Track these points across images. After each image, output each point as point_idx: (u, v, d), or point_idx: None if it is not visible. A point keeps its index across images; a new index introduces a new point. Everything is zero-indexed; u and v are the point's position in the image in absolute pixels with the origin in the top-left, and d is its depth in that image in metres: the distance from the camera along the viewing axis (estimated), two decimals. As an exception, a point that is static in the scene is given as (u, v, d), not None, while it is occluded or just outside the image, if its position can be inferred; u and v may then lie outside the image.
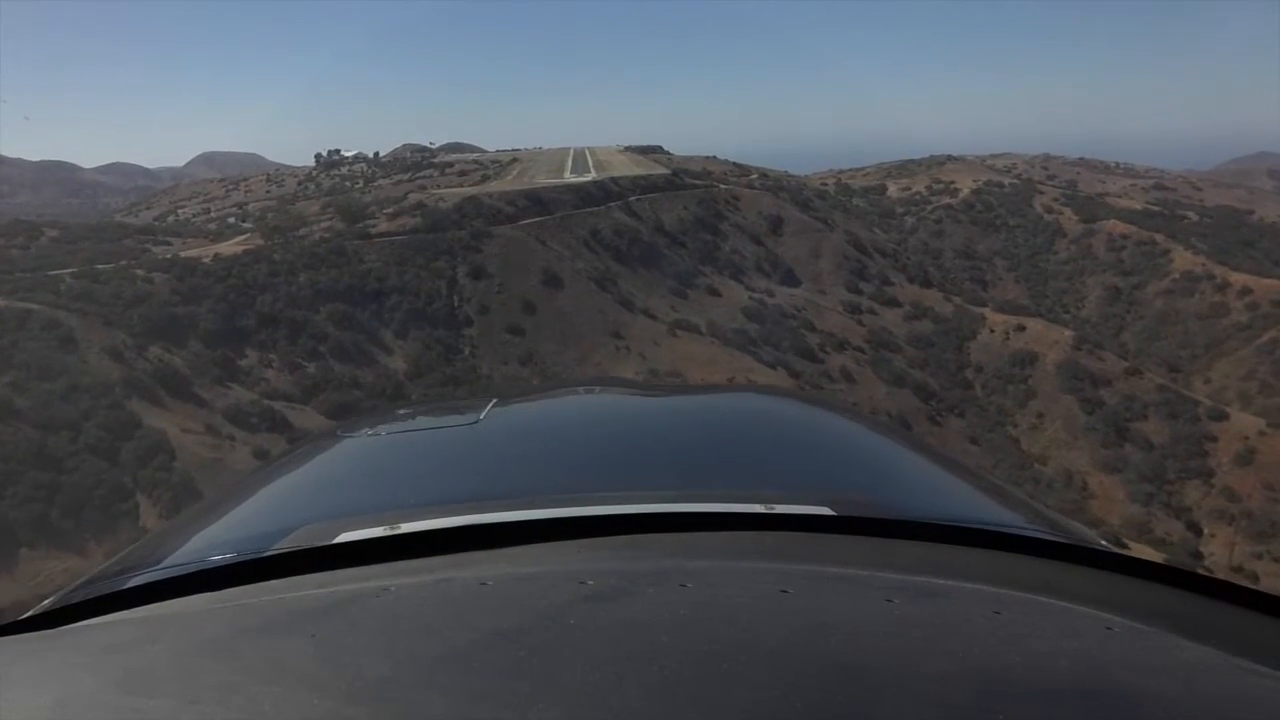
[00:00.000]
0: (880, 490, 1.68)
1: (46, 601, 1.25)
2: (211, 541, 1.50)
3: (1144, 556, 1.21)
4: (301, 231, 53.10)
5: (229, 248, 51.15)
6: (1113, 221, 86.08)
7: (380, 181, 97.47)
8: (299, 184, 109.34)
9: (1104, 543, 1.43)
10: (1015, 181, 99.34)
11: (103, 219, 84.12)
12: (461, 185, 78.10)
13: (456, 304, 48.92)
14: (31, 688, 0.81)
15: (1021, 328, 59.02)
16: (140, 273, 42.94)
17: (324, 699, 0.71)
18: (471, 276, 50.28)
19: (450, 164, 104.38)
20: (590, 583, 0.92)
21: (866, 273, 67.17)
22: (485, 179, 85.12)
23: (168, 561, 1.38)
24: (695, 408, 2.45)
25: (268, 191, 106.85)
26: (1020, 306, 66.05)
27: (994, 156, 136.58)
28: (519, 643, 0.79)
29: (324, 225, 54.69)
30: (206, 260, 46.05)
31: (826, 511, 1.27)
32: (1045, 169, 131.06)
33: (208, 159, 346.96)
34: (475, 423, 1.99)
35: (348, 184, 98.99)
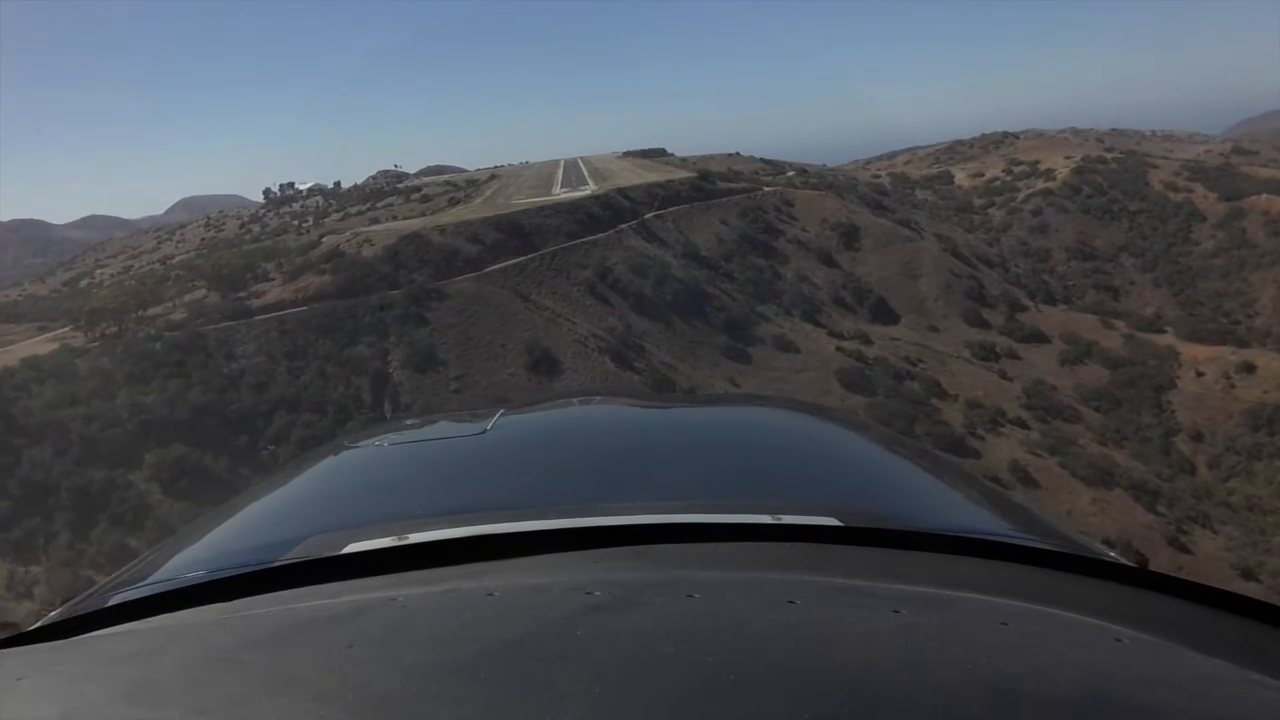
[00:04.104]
0: (887, 501, 1.66)
1: (55, 613, 1.26)
2: (220, 552, 1.50)
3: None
4: (154, 310, 34.63)
5: (39, 345, 32.74)
6: (1265, 197, 66.82)
7: (332, 216, 79.34)
8: (241, 227, 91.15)
9: (1111, 554, 1.39)
10: (1120, 155, 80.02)
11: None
12: (424, 214, 59.78)
13: (387, 416, 30.21)
14: (38, 699, 0.82)
15: (1249, 367, 39.79)
16: None
17: (331, 710, 0.71)
18: (411, 367, 31.56)
19: (418, 188, 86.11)
20: (597, 593, 0.92)
21: (986, 295, 48.11)
22: (454, 202, 66.64)
23: (176, 573, 1.38)
24: (702, 419, 2.44)
25: (202, 239, 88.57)
26: (1225, 332, 46.75)
27: (1023, 133, 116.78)
28: (526, 653, 0.79)
29: (191, 298, 36.25)
30: (-45, 383, 27.56)
31: (834, 522, 1.27)
32: (1101, 141, 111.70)
33: (188, 204, 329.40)
34: (482, 433, 1.97)
35: (295, 222, 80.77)
